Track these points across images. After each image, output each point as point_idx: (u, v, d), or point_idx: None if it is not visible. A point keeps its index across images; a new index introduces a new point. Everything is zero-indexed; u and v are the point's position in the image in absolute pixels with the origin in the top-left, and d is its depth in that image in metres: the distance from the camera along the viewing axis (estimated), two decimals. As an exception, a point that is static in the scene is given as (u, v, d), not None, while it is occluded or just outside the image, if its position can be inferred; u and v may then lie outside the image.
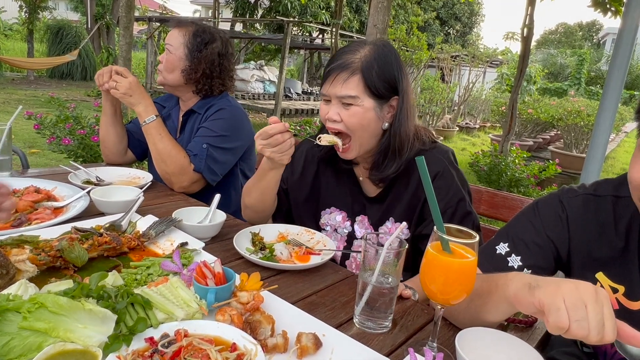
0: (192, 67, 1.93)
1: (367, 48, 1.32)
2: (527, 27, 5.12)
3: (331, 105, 1.33)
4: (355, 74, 1.28)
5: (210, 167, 1.87)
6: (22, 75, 14.98)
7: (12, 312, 0.77)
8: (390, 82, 1.31)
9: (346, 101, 1.30)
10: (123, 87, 1.86)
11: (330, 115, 1.32)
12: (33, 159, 5.72)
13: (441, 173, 1.37)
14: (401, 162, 1.37)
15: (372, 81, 1.28)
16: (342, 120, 1.31)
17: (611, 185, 1.11)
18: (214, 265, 1.01)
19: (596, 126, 3.16)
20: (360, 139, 1.34)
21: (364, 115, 1.30)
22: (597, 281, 1.09)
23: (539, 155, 8.85)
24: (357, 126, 1.31)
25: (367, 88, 1.29)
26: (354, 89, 1.28)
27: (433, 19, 26.46)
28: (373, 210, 1.48)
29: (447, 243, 0.89)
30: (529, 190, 5.02)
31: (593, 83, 22.96)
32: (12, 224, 1.31)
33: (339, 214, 1.53)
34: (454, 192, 1.36)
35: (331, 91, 1.31)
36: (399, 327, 1.05)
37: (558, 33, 52.14)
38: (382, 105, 1.33)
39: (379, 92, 1.30)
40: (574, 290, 0.76)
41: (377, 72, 1.29)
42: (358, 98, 1.29)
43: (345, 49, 1.34)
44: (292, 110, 11.11)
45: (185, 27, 1.96)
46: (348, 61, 1.29)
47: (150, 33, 12.23)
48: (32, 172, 1.89)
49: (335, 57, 1.34)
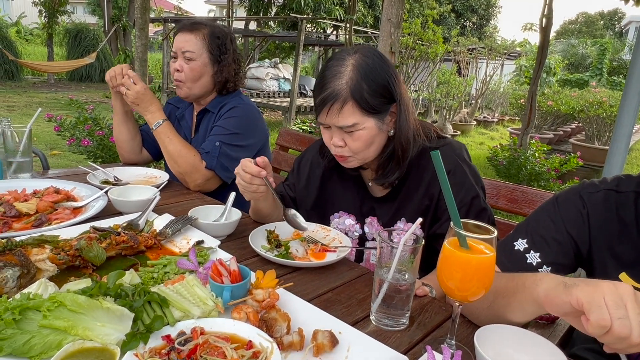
0: (220, 70, 1.94)
1: (350, 66, 1.23)
2: (546, 17, 5.01)
3: (333, 131, 1.30)
4: (347, 102, 1.21)
5: (223, 164, 1.88)
6: (43, 78, 15.33)
7: (33, 311, 0.79)
8: (384, 94, 1.25)
9: (347, 130, 1.25)
10: (131, 96, 1.89)
11: (335, 142, 1.29)
12: (54, 160, 5.85)
13: (453, 170, 1.33)
14: (405, 165, 1.35)
15: (366, 102, 1.22)
16: (346, 145, 1.29)
17: (634, 181, 1.07)
18: (230, 263, 1.01)
19: (619, 117, 3.06)
20: (365, 155, 1.32)
21: (368, 136, 1.27)
22: (621, 282, 1.05)
23: (559, 148, 8.66)
24: (363, 147, 1.29)
25: (364, 110, 1.23)
26: (350, 117, 1.23)
27: (449, 11, 26.07)
28: (383, 210, 1.46)
29: (465, 239, 0.87)
30: (550, 184, 4.92)
31: (616, 73, 22.34)
32: (32, 224, 1.34)
33: (348, 217, 1.51)
34: (467, 189, 1.34)
35: (329, 121, 1.27)
36: (417, 324, 1.03)
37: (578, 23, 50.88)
38: (383, 118, 1.28)
39: (376, 110, 1.25)
40: (614, 289, 0.73)
41: (368, 92, 1.22)
42: (358, 124, 1.24)
43: (327, 73, 1.25)
44: (307, 107, 11.09)
45: (198, 30, 1.92)
46: (336, 89, 1.22)
47: (166, 34, 12.36)
48: (52, 173, 1.93)
49: (321, 83, 1.26)
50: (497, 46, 14.09)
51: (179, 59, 1.93)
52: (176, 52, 1.93)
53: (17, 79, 14.20)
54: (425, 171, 1.37)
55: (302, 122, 9.27)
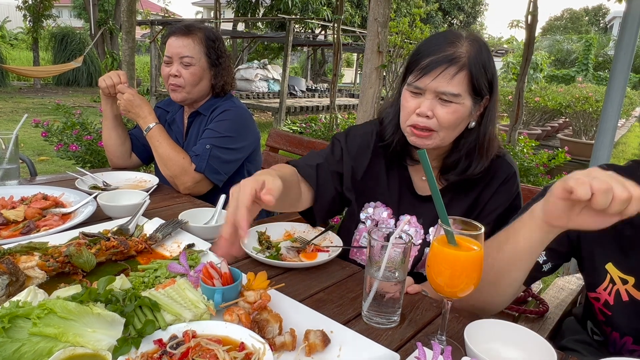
0: (218, 73, 1.95)
1: (467, 42, 1.21)
2: (532, 14, 5.05)
3: (423, 98, 1.21)
4: (463, 70, 1.18)
5: (213, 167, 1.87)
6: (29, 83, 15.16)
7: (22, 319, 0.78)
8: (488, 82, 1.23)
9: (447, 98, 1.19)
10: (122, 105, 1.91)
11: (423, 110, 1.20)
12: (42, 166, 5.79)
13: (510, 176, 1.33)
14: (487, 162, 1.30)
15: (477, 79, 1.19)
16: (433, 117, 1.21)
17: (619, 171, 1.09)
18: (221, 266, 1.01)
19: (604, 111, 3.11)
20: (445, 135, 1.24)
21: (461, 113, 1.21)
22: (607, 272, 1.07)
23: (547, 144, 8.75)
24: (452, 124, 1.21)
25: (472, 86, 1.19)
26: (459, 85, 1.18)
27: (436, 10, 26.23)
28: (424, 208, 1.39)
29: (453, 235, 0.89)
30: (539, 179, 4.97)
31: (601, 68, 22.65)
32: (20, 232, 1.32)
33: (385, 209, 1.43)
34: (515, 198, 1.33)
35: (432, 85, 1.18)
36: (408, 321, 1.04)
37: (564, 19, 51.46)
38: (477, 104, 1.24)
39: (479, 91, 1.21)
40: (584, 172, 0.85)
41: (481, 69, 1.20)
42: (460, 96, 1.19)
43: (441, 40, 1.21)
44: (297, 108, 11.10)
45: (194, 34, 1.91)
46: (455, 54, 1.18)
47: (153, 37, 12.28)
48: (39, 180, 1.91)
49: (430, 48, 1.21)
50: (485, 43, 14.17)
51: (174, 64, 1.90)
52: (171, 57, 1.90)
53: (2, 84, 14.01)
54: (482, 176, 1.31)
55: (292, 123, 9.27)
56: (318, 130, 7.27)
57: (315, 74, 19.75)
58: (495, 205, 1.31)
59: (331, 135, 6.87)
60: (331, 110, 7.65)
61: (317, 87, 15.62)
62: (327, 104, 9.99)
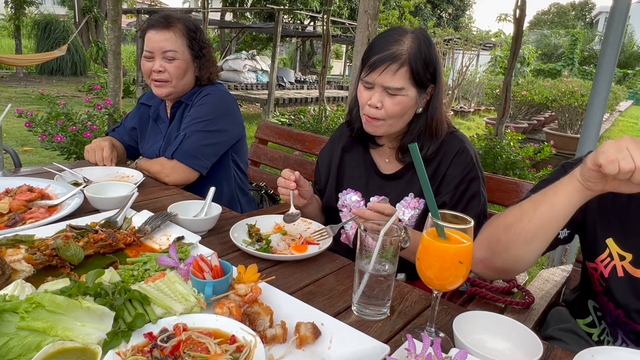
0: (202, 64, 1.93)
1: (410, 38, 1.36)
2: (519, 9, 5.08)
3: (374, 92, 1.38)
4: (404, 66, 1.34)
5: (189, 152, 1.84)
6: (11, 72, 14.77)
7: (10, 313, 0.77)
8: (431, 72, 1.38)
9: (392, 92, 1.36)
10: None
11: (373, 102, 1.38)
12: (26, 157, 5.68)
13: (461, 149, 1.46)
14: (438, 142, 1.46)
15: (418, 73, 1.35)
16: (382, 108, 1.37)
17: None
18: (211, 259, 1.01)
19: (589, 106, 3.15)
20: (393, 122, 1.41)
21: (406, 103, 1.38)
22: (607, 247, 1.12)
23: (534, 137, 8.85)
24: (397, 113, 1.39)
25: (413, 79, 1.35)
26: (401, 80, 1.34)
27: (425, 3, 26.24)
28: (391, 187, 1.54)
29: (443, 229, 0.90)
30: (525, 173, 5.03)
31: (587, 63, 22.91)
32: (6, 224, 1.30)
33: (354, 194, 1.59)
34: (470, 169, 1.45)
35: (379, 80, 1.36)
36: (397, 313, 1.05)
37: (551, 13, 51.90)
38: (422, 93, 1.40)
39: (422, 82, 1.38)
40: (613, 143, 0.92)
41: (421, 64, 1.35)
42: (404, 89, 1.35)
43: (387, 38, 1.37)
44: (285, 99, 11.03)
45: (174, 26, 1.85)
46: (396, 52, 1.34)
47: (139, 26, 12.08)
48: (24, 171, 1.87)
49: (378, 46, 1.37)
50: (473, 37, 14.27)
51: (157, 59, 1.85)
52: (153, 51, 1.84)
53: (-17, 73, 13.67)
54: (439, 152, 1.47)
55: (281, 115, 9.22)
56: (307, 122, 7.26)
57: (304, 65, 19.64)
58: (453, 175, 1.45)
59: (320, 128, 6.87)
60: (320, 102, 7.63)
61: (306, 78, 15.54)
62: (316, 96, 9.94)
